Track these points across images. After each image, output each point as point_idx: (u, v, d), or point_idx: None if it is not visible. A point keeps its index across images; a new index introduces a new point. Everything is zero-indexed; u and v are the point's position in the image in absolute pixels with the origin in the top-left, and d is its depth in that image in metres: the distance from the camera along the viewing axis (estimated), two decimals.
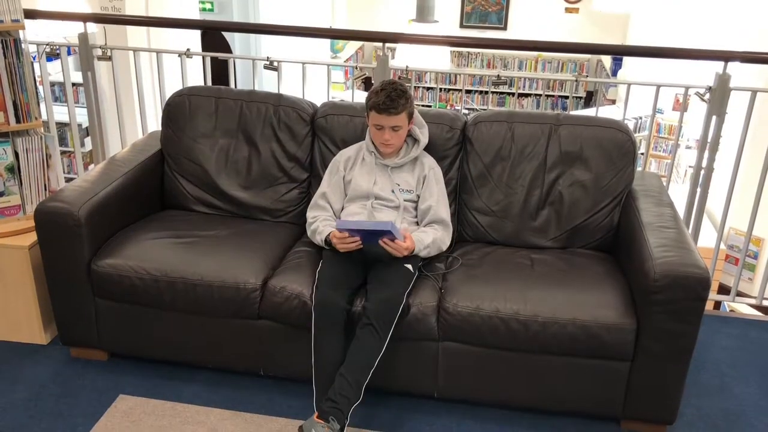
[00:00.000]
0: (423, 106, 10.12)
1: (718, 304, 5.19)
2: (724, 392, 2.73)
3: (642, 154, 3.23)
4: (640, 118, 8.98)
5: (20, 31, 2.77)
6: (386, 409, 2.55)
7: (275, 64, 3.54)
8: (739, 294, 3.57)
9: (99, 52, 3.67)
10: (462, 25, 11.76)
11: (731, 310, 4.92)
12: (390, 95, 2.50)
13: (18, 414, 2.47)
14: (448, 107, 12.15)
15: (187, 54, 3.62)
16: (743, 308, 4.95)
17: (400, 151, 2.67)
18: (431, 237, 2.59)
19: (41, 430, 2.40)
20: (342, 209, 2.73)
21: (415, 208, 2.70)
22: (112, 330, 2.67)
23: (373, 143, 2.67)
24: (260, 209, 2.98)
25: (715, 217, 6.75)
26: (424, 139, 2.70)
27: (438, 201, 2.67)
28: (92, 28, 3.69)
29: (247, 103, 2.99)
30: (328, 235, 2.55)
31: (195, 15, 7.06)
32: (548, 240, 2.81)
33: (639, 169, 2.88)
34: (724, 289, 6.65)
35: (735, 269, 7.03)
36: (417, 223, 2.71)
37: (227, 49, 9.12)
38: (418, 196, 2.69)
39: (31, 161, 2.88)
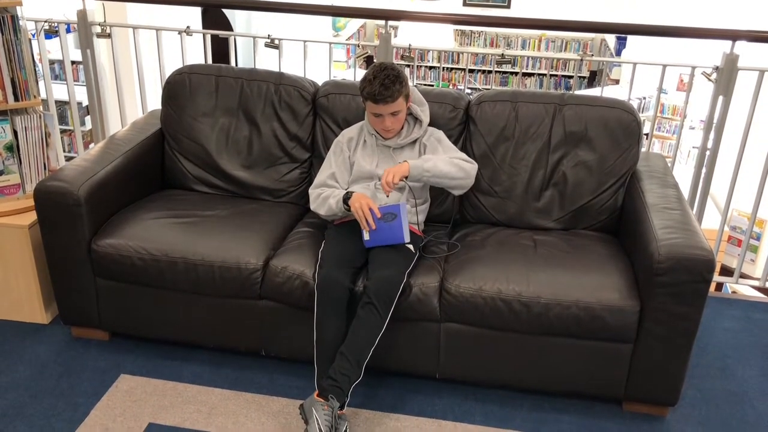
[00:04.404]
0: (425, 85, 10.06)
1: (720, 286, 5.19)
2: (726, 374, 2.73)
3: (646, 135, 3.20)
4: (644, 98, 8.94)
5: (17, 8, 2.74)
6: (388, 389, 2.55)
7: (276, 42, 3.50)
8: (742, 276, 3.55)
9: (98, 29, 3.63)
10: (465, 3, 11.65)
11: (734, 292, 4.92)
12: (384, 83, 2.43)
13: (20, 393, 2.47)
14: (451, 87, 12.09)
15: (187, 31, 3.58)
16: (746, 290, 4.95)
17: (402, 131, 2.64)
18: (439, 156, 2.53)
19: (43, 409, 2.40)
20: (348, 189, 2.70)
21: (422, 188, 2.68)
22: (113, 310, 2.66)
23: (373, 127, 2.63)
24: (261, 189, 2.96)
25: (716, 198, 6.73)
26: (425, 119, 2.66)
27: (445, 152, 2.60)
28: (91, 5, 3.64)
29: (247, 82, 2.96)
30: (349, 193, 2.48)
31: None
32: (552, 221, 2.79)
33: (643, 149, 2.86)
34: (726, 271, 6.66)
35: (737, 251, 7.02)
36: (422, 204, 2.69)
37: (228, 27, 9.05)
38: None
39: (30, 140, 2.86)
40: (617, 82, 10.64)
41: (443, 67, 12.39)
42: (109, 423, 2.35)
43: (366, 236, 2.43)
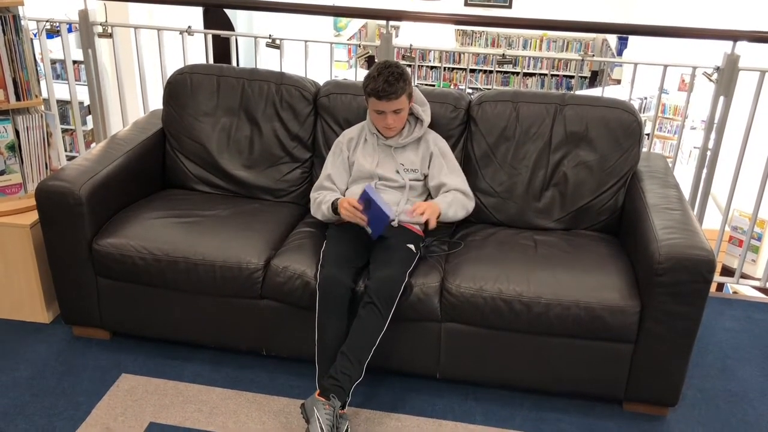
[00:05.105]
0: (426, 85, 10.06)
1: (720, 286, 5.19)
2: (726, 374, 2.73)
3: (647, 135, 3.20)
4: (645, 98, 8.94)
5: (19, 7, 2.74)
6: (388, 389, 2.55)
7: (277, 42, 3.50)
8: (743, 276, 3.55)
9: (99, 29, 3.63)
10: (466, 3, 11.65)
11: (734, 292, 4.92)
12: (388, 80, 2.44)
13: (21, 392, 2.48)
14: (452, 87, 12.09)
15: (189, 31, 3.58)
16: (747, 290, 4.95)
17: (403, 131, 2.65)
18: (450, 197, 2.59)
19: (44, 408, 2.41)
20: (347, 190, 2.71)
21: (423, 187, 2.68)
22: (114, 309, 2.66)
23: (374, 126, 2.64)
24: (262, 189, 2.96)
25: (717, 198, 6.72)
26: (426, 118, 2.67)
27: (448, 175, 2.64)
28: (93, 4, 3.65)
29: (249, 82, 2.96)
30: (336, 200, 2.52)
31: None
32: (552, 221, 2.79)
33: (644, 149, 2.86)
34: (727, 271, 6.66)
35: (738, 251, 7.02)
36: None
37: (229, 27, 9.05)
38: (425, 175, 2.67)
39: (32, 139, 2.86)
40: (618, 82, 10.64)
41: (444, 67, 12.39)
42: (111, 422, 2.35)
43: (369, 230, 2.45)
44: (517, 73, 11.98)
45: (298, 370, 2.61)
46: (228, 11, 8.96)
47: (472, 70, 12.46)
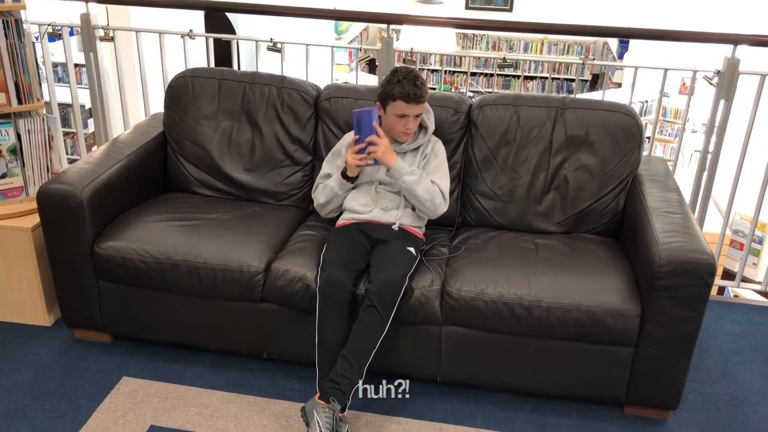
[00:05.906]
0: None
1: (721, 289, 5.19)
2: (727, 378, 2.73)
3: (648, 138, 3.21)
4: (646, 101, 8.94)
5: (21, 11, 2.75)
6: (388, 392, 2.54)
7: (279, 45, 3.51)
8: (744, 279, 3.55)
9: (101, 32, 3.64)
10: (467, 7, 11.66)
11: (735, 296, 4.92)
12: (415, 83, 2.47)
13: (22, 395, 2.48)
14: (453, 90, 12.11)
15: (190, 35, 3.59)
16: (748, 294, 4.94)
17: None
18: (428, 183, 2.56)
19: (45, 411, 2.41)
20: (346, 194, 2.71)
21: None
22: (115, 312, 2.67)
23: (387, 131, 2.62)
24: (263, 192, 2.97)
25: (718, 201, 6.72)
26: (431, 126, 2.68)
27: (435, 174, 2.63)
28: (94, 8, 3.66)
29: (250, 85, 2.97)
30: (344, 170, 2.59)
31: None
32: (553, 225, 2.79)
33: (645, 153, 2.86)
34: (728, 274, 6.64)
35: (739, 254, 7.01)
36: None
37: (231, 31, 9.07)
38: None
39: (34, 142, 2.87)
40: (619, 85, 10.64)
41: (445, 71, 12.41)
42: (111, 425, 2.35)
43: (371, 162, 2.53)
44: (518, 77, 11.99)
45: (298, 373, 2.61)
46: (229, 15, 8.98)
47: (473, 74, 12.48)
